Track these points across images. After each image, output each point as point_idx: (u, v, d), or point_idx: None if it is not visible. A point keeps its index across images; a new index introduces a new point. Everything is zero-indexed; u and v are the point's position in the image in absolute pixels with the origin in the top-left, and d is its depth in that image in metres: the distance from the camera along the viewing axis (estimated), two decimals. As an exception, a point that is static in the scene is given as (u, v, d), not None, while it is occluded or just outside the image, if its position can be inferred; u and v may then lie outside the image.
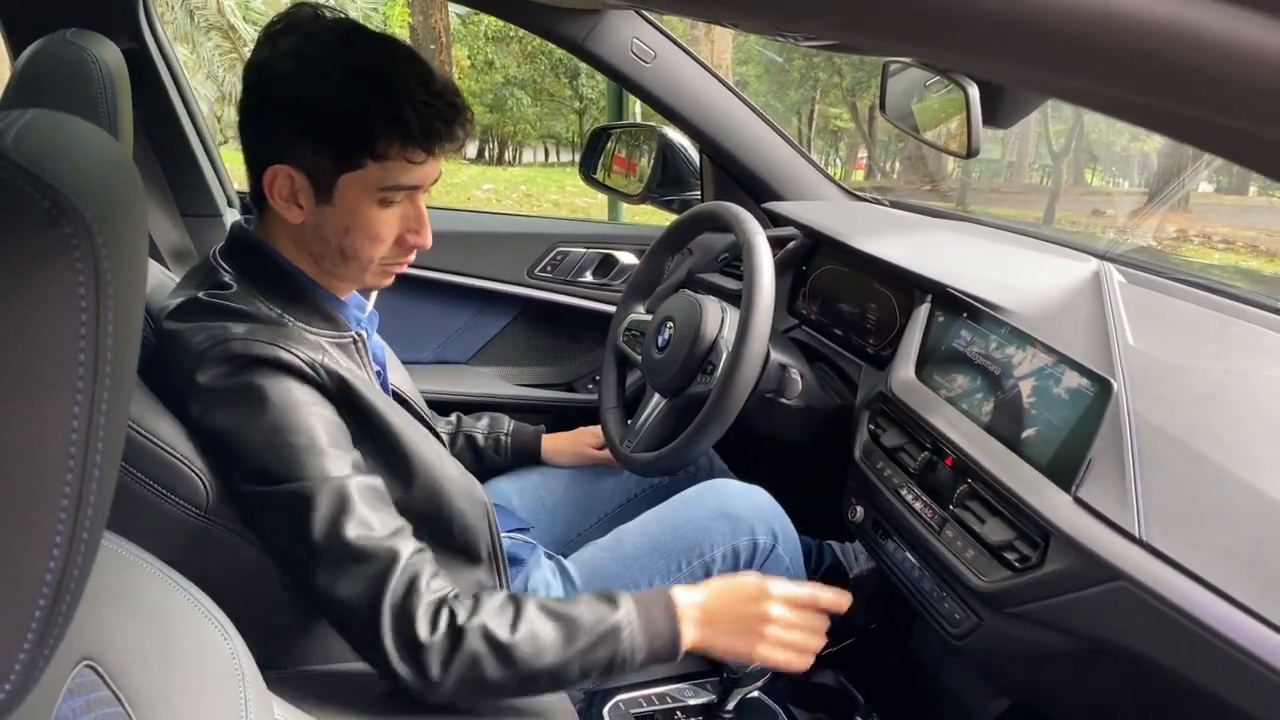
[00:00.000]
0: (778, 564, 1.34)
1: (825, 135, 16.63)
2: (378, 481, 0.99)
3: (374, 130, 0.94)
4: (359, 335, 1.09)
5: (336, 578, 0.92)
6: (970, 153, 0.95)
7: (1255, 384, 0.95)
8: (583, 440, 1.61)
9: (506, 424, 1.59)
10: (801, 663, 1.07)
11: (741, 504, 1.34)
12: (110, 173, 0.39)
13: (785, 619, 1.06)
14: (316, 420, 0.95)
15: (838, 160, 16.84)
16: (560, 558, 1.33)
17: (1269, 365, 0.98)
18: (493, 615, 0.94)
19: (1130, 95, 0.36)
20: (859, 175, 15.52)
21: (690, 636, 1.01)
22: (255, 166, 1.00)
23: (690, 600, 1.03)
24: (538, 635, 0.95)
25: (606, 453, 1.56)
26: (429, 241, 1.05)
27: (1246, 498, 0.82)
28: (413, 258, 1.08)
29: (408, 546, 0.95)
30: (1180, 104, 0.35)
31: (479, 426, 1.58)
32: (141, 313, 0.44)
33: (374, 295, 1.17)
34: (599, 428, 1.58)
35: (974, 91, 0.90)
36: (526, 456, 1.58)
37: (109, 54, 1.10)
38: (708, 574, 1.29)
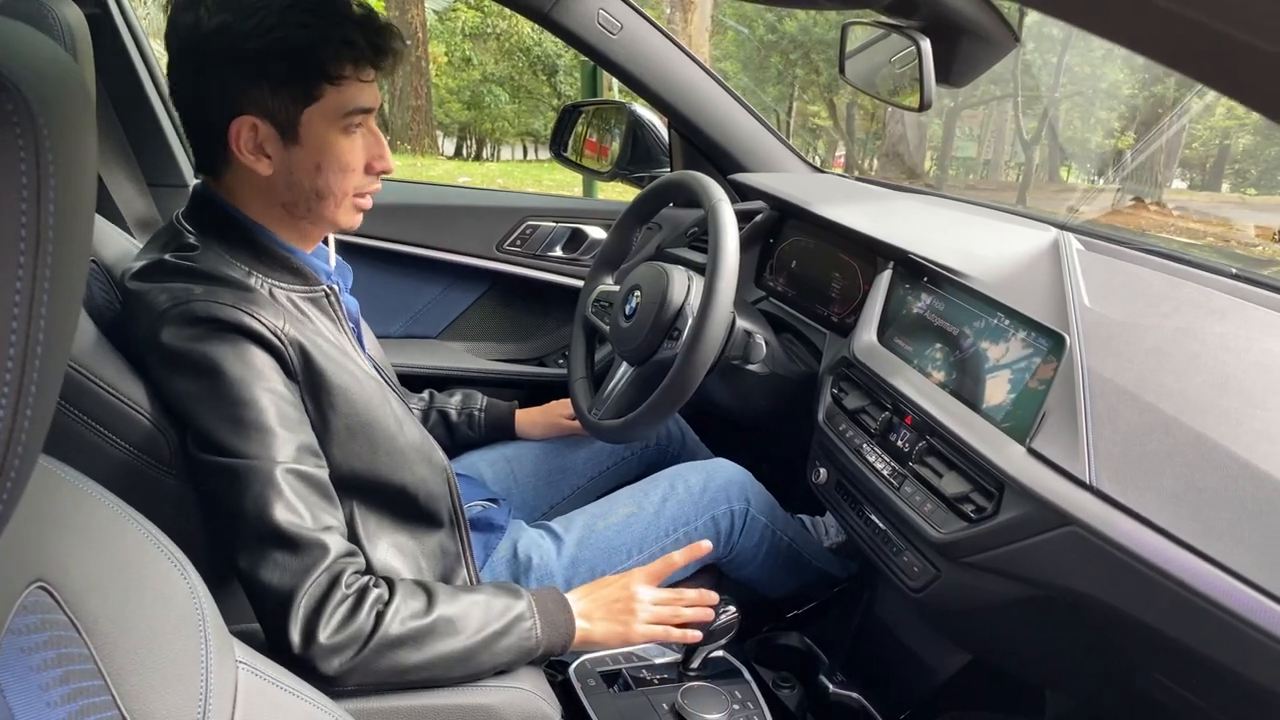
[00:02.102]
0: (755, 524, 1.42)
1: (804, 133, 16.70)
2: (322, 475, 0.99)
3: (327, 55, 0.96)
4: (331, 289, 1.09)
5: (259, 560, 0.92)
6: (923, 105, 0.96)
7: (1204, 339, 0.97)
8: (556, 412, 1.63)
9: (480, 400, 1.60)
10: (677, 634, 1.14)
11: (715, 477, 1.41)
12: (53, 63, 0.40)
13: (650, 599, 1.13)
14: (270, 397, 0.95)
15: (817, 157, 16.92)
16: (545, 523, 1.36)
17: (1217, 322, 1.00)
18: (408, 600, 0.97)
19: None
20: (837, 173, 15.59)
21: (580, 628, 1.08)
22: (209, 131, 1.00)
23: (574, 598, 1.10)
24: (452, 619, 0.98)
25: (574, 424, 1.58)
26: (392, 163, 1.08)
27: (1192, 444, 0.84)
28: (379, 186, 1.10)
29: (337, 545, 0.95)
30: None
31: (452, 402, 1.59)
32: (91, 212, 0.45)
33: (333, 247, 1.17)
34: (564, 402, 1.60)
35: (926, 45, 0.92)
36: (500, 431, 1.60)
37: (70, 13, 1.10)
38: (690, 541, 1.34)
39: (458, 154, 16.79)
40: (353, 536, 1.04)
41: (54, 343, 0.39)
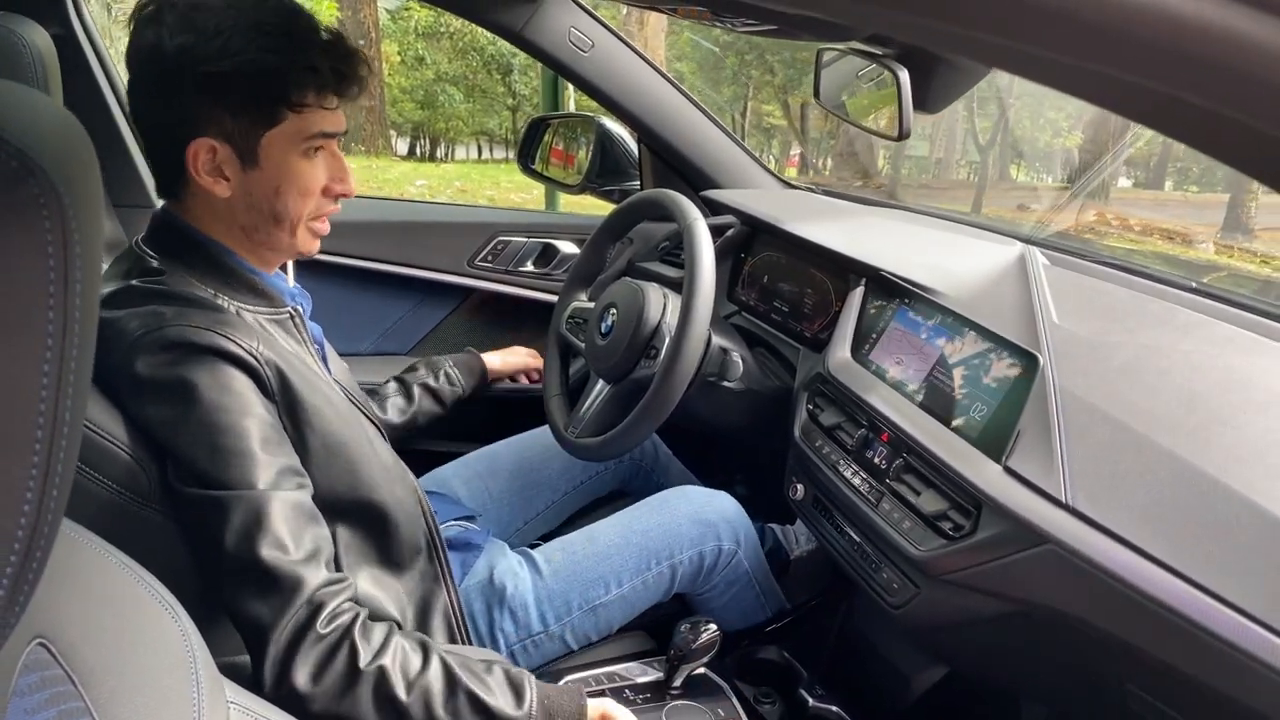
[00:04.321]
0: (738, 567, 1.40)
1: (759, 133, 16.76)
2: (304, 496, 0.97)
3: (290, 82, 0.95)
4: (296, 310, 1.09)
5: (241, 594, 0.91)
6: (901, 135, 0.98)
7: (1170, 356, 1.00)
8: (518, 352, 1.77)
9: (444, 361, 1.64)
10: None
11: (710, 512, 1.40)
12: (66, 134, 0.40)
13: None
14: (251, 421, 0.94)
15: (771, 157, 17.00)
16: (527, 549, 1.35)
17: (1182, 339, 1.03)
18: (395, 662, 0.93)
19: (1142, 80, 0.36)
20: (792, 172, 15.67)
21: None
22: (167, 149, 0.98)
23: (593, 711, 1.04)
24: (431, 701, 0.93)
25: (539, 360, 1.74)
26: (354, 188, 1.07)
27: (1163, 461, 0.87)
28: (338, 208, 1.09)
29: (317, 576, 0.93)
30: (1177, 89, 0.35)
31: (419, 375, 1.60)
32: (100, 273, 0.45)
33: (291, 272, 1.17)
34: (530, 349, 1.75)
35: (904, 76, 0.93)
36: (476, 377, 1.66)
37: (38, 37, 1.08)
38: (674, 575, 1.34)
39: (411, 154, 16.60)
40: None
41: (76, 417, 0.39)
